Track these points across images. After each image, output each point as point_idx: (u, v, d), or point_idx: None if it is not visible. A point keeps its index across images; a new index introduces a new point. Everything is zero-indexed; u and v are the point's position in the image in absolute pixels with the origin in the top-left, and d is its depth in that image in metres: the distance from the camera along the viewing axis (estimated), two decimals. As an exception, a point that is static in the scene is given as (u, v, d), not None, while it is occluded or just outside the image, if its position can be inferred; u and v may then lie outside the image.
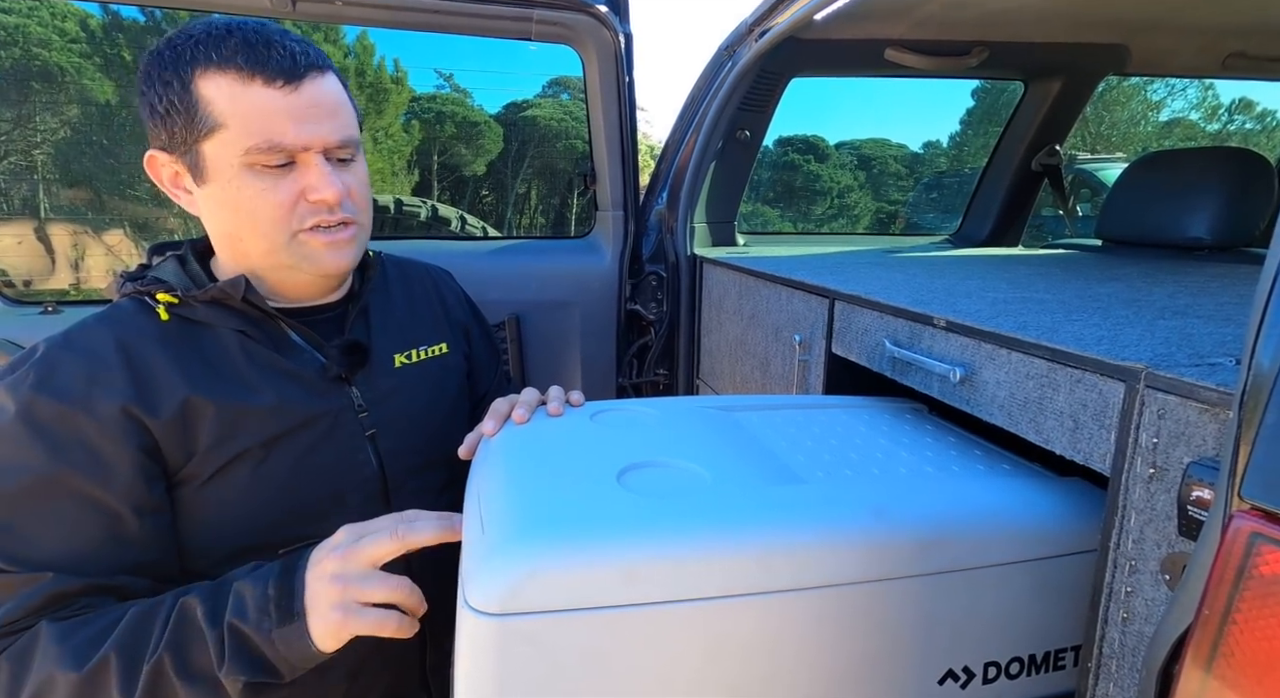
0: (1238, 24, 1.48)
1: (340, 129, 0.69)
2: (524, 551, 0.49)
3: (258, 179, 0.66)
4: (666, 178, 1.66)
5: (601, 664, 0.50)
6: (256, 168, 0.65)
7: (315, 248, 0.70)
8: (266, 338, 0.71)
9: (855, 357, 0.91)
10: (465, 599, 0.49)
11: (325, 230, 0.70)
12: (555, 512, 0.54)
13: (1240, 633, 0.30)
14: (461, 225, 2.88)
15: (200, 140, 0.65)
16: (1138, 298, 0.84)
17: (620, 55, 1.38)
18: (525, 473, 0.62)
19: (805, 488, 0.61)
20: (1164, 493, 0.48)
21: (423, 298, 0.89)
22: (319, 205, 0.68)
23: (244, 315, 0.70)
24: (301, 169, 0.67)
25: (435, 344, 0.85)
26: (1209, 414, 0.45)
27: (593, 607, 0.49)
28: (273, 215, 0.67)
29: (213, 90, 0.64)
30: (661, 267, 1.63)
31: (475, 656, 0.49)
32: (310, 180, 0.67)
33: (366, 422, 0.75)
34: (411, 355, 0.82)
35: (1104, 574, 0.53)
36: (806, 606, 0.53)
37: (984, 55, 1.56)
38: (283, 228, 0.68)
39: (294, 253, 0.70)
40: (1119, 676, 0.52)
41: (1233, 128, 9.44)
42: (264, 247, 0.69)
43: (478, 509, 0.58)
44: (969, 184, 2.11)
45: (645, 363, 1.67)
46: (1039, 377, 0.60)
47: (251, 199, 0.66)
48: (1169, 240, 1.46)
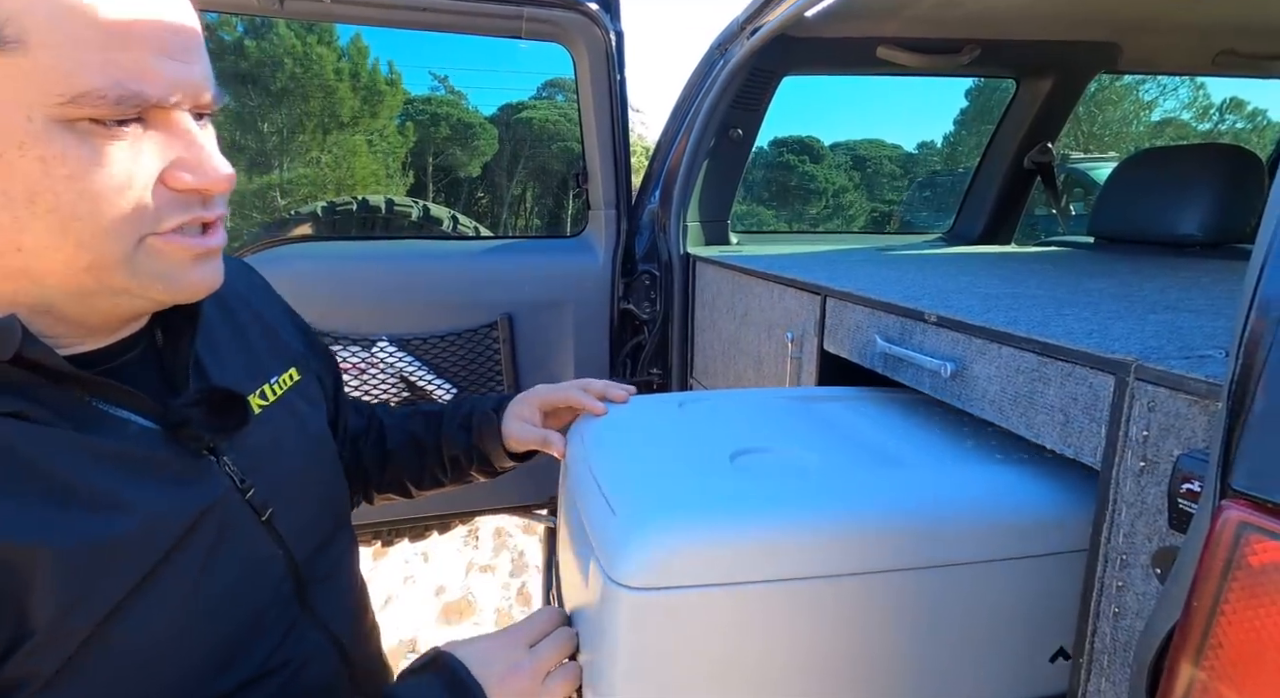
0: (1228, 22, 1.49)
1: (210, 77, 0.43)
2: (666, 528, 0.52)
3: (82, 146, 0.38)
4: (659, 177, 1.66)
5: (740, 638, 0.52)
6: (82, 125, 0.38)
7: (174, 259, 0.43)
8: (55, 415, 0.42)
9: (847, 353, 0.91)
10: (609, 576, 0.52)
11: (192, 234, 0.44)
12: (686, 491, 0.58)
13: (1230, 624, 0.29)
14: (453, 225, 2.87)
15: None
16: (1128, 293, 0.84)
17: (611, 53, 1.38)
18: (640, 456, 0.65)
19: (910, 471, 0.64)
20: (1154, 486, 0.48)
21: (244, 315, 0.61)
22: (190, 195, 0.43)
23: (5, 384, 0.40)
24: (158, 135, 0.41)
25: (284, 372, 0.61)
26: (1199, 406, 0.44)
27: (734, 582, 0.51)
28: (110, 210, 0.39)
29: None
30: (654, 266, 1.63)
31: (621, 629, 0.52)
32: (179, 153, 0.42)
33: (256, 500, 0.52)
34: (266, 394, 0.58)
35: (1095, 569, 0.53)
36: (931, 582, 0.56)
37: (975, 53, 1.56)
38: (125, 232, 0.40)
39: (139, 270, 0.42)
40: (1110, 671, 0.52)
41: (1224, 127, 9.51)
42: (79, 262, 0.40)
43: (598, 491, 0.61)
44: (962, 183, 2.11)
45: (639, 362, 1.67)
46: (1030, 371, 0.60)
47: (68, 179, 0.38)
48: (1160, 237, 1.47)
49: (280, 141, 8.86)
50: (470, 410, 0.82)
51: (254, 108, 8.73)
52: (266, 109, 8.79)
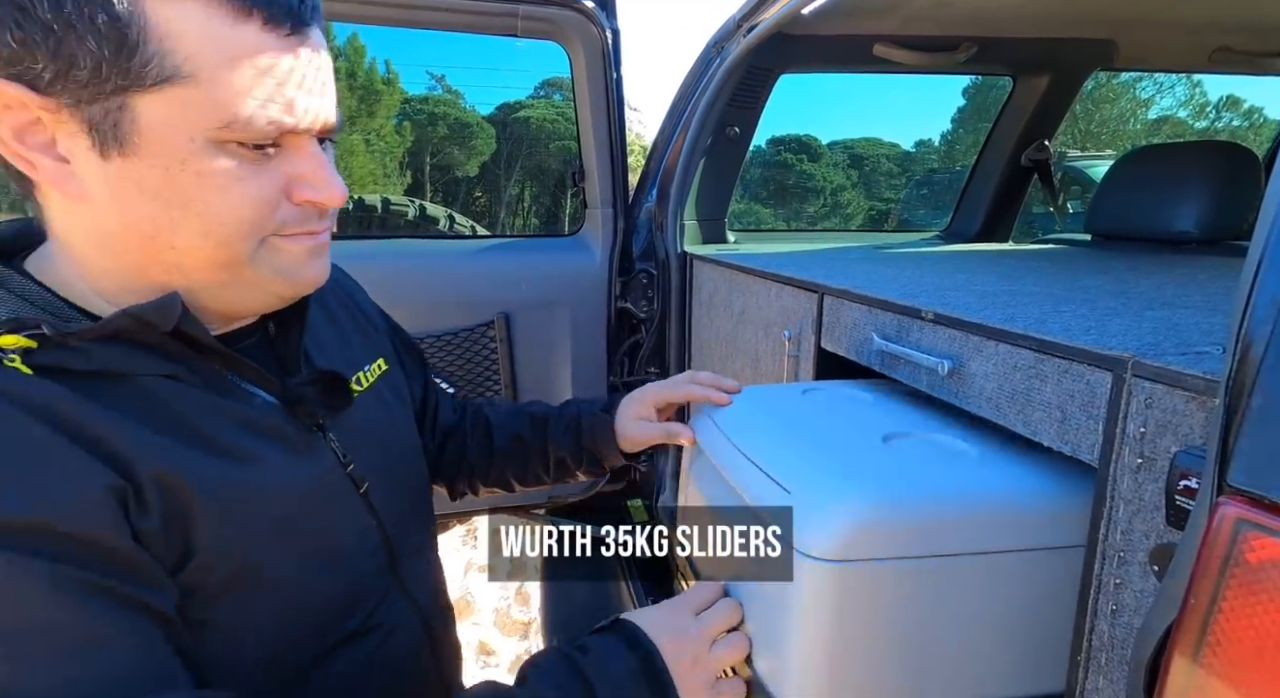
0: (1224, 19, 1.49)
1: (336, 105, 0.50)
2: (854, 502, 0.56)
3: (230, 164, 0.44)
4: (656, 175, 1.65)
5: (917, 609, 0.55)
6: (231, 147, 0.44)
7: (292, 256, 0.50)
8: (201, 381, 0.49)
9: (844, 351, 0.91)
10: (797, 549, 0.55)
11: (309, 234, 0.51)
12: (859, 469, 0.61)
13: (1227, 621, 0.29)
14: (450, 224, 2.86)
15: (136, 90, 0.41)
16: (1125, 290, 0.84)
17: (607, 51, 1.38)
18: (789, 439, 0.69)
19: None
20: (1152, 483, 0.47)
21: (339, 308, 0.69)
22: (310, 208, 0.50)
23: (162, 352, 0.47)
24: (288, 155, 0.48)
25: (374, 362, 0.68)
26: (1196, 402, 0.44)
27: (917, 556, 0.54)
28: (248, 217, 0.46)
29: (178, 18, 0.40)
30: (651, 264, 1.63)
31: (807, 598, 0.55)
32: (302, 172, 0.48)
33: (355, 475, 0.58)
34: (360, 380, 0.65)
35: (1092, 566, 0.52)
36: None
37: (972, 51, 1.56)
38: (253, 234, 0.48)
39: (259, 265, 0.49)
40: (1108, 668, 0.52)
41: (1220, 125, 9.52)
42: (217, 258, 0.47)
43: (759, 472, 0.64)
44: (959, 181, 2.11)
45: (636, 361, 1.66)
46: (1026, 368, 0.60)
47: (215, 192, 0.45)
48: (1157, 234, 1.47)
49: (277, 141, 8.78)
50: (578, 413, 0.85)
51: (250, 107, 8.65)
52: (263, 109, 8.70)
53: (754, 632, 0.62)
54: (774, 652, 0.59)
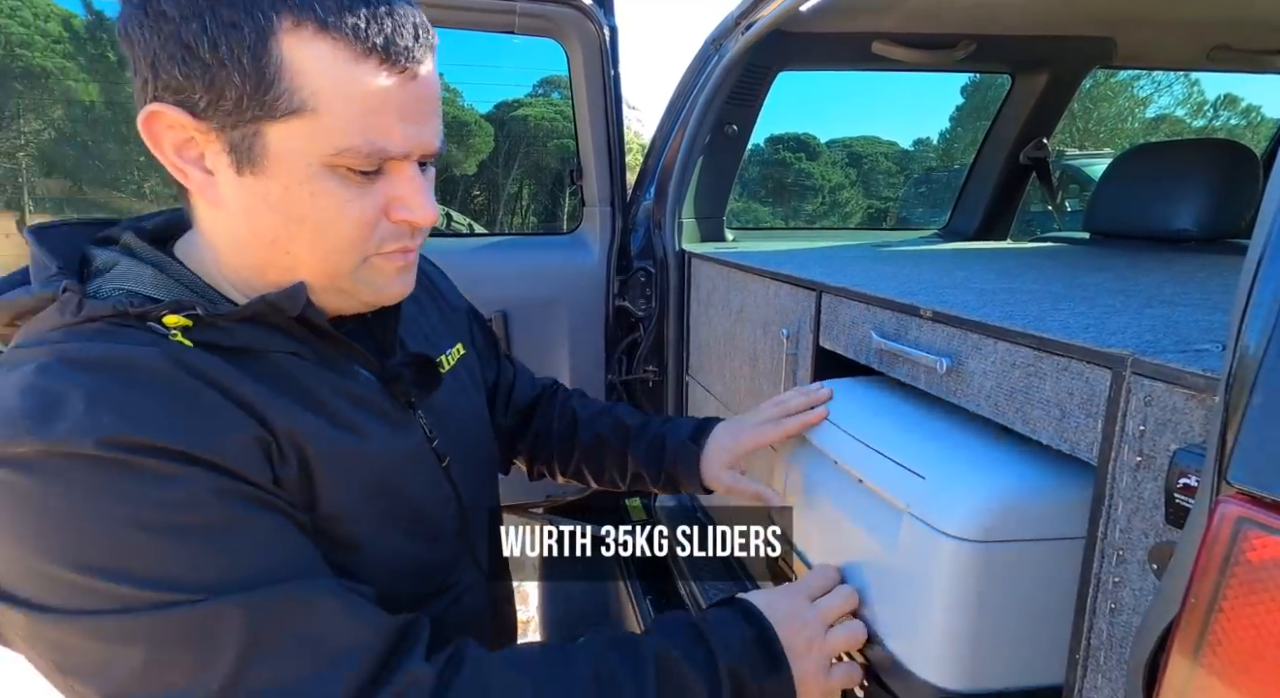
0: (1222, 17, 1.49)
1: (439, 131, 0.55)
2: (995, 485, 0.59)
3: (340, 186, 0.51)
4: (654, 173, 1.65)
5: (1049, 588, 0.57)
6: (341, 172, 0.50)
7: (385, 274, 0.57)
8: (318, 359, 0.57)
9: (842, 349, 0.91)
10: (940, 530, 0.58)
11: (400, 254, 0.57)
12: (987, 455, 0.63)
13: (1227, 621, 0.29)
14: (447, 223, 2.86)
15: (267, 119, 0.47)
16: (1124, 288, 0.84)
17: (605, 49, 1.37)
18: (913, 429, 0.71)
19: None
20: (1151, 481, 0.47)
21: (424, 295, 0.76)
22: (405, 227, 0.55)
23: (288, 333, 0.55)
24: (390, 178, 0.53)
25: (454, 346, 0.75)
26: (1195, 400, 0.44)
27: (1055, 538, 0.57)
28: (351, 234, 0.53)
29: (307, 58, 0.46)
30: (650, 262, 1.62)
31: (957, 579, 0.58)
32: (401, 194, 0.53)
33: (440, 450, 0.65)
34: (443, 363, 0.71)
35: (1091, 565, 0.52)
36: None
37: (971, 48, 1.56)
38: (357, 250, 0.54)
39: (356, 279, 0.56)
40: (1107, 667, 0.51)
41: (1218, 123, 9.52)
42: (323, 267, 0.54)
43: (888, 461, 0.68)
44: (958, 179, 2.11)
45: (634, 359, 1.66)
46: (1025, 366, 0.59)
47: (327, 210, 0.51)
48: (1156, 232, 1.46)
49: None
50: (663, 434, 0.87)
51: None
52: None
53: (884, 613, 0.66)
54: (910, 631, 0.62)
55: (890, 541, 0.65)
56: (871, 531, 0.68)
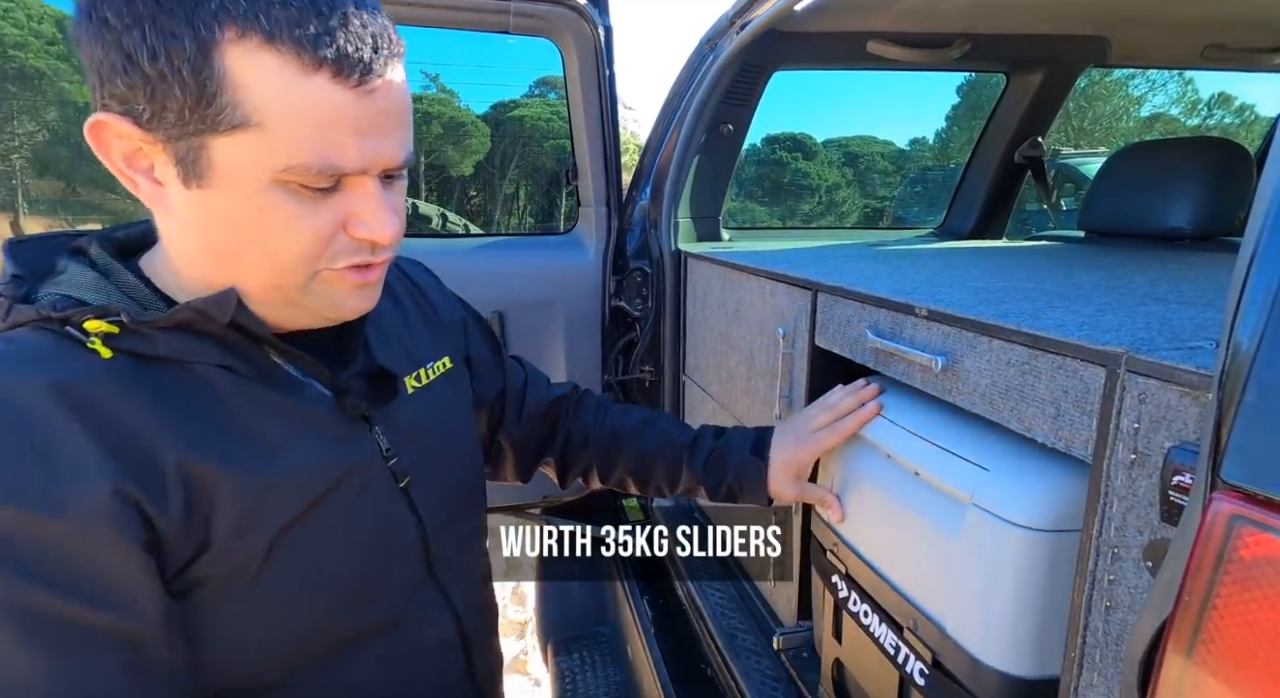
0: (1216, 16, 1.49)
1: (405, 143, 0.52)
2: (1061, 475, 0.60)
3: (290, 202, 0.48)
4: (650, 173, 1.65)
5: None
6: (292, 187, 0.48)
7: (340, 289, 0.54)
8: (256, 372, 0.54)
9: (838, 348, 0.91)
10: (1009, 519, 0.60)
11: (359, 270, 0.54)
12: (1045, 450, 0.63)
13: (1221, 618, 0.29)
14: (443, 223, 2.85)
15: (210, 133, 0.46)
16: (1119, 286, 0.84)
17: (600, 48, 1.37)
18: (963, 422, 0.73)
19: None
20: (1145, 479, 0.47)
21: (412, 303, 0.73)
22: (364, 243, 0.52)
23: (223, 343, 0.52)
24: (348, 193, 0.50)
25: (439, 359, 0.71)
26: (1189, 397, 0.44)
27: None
28: (301, 249, 0.50)
29: (251, 71, 0.44)
30: (646, 262, 1.62)
31: (1026, 568, 0.60)
32: (358, 210, 0.51)
33: (398, 469, 0.61)
34: (420, 377, 0.67)
35: (1086, 562, 0.52)
36: None
37: (966, 47, 1.56)
38: (307, 265, 0.51)
39: (310, 294, 0.53)
40: (1102, 665, 0.52)
41: (1212, 122, 9.55)
42: (272, 281, 0.52)
43: (951, 455, 0.70)
44: (953, 179, 2.11)
45: (630, 360, 1.66)
46: (1020, 364, 0.60)
47: (276, 226, 0.49)
48: (1150, 231, 1.47)
49: (270, 141, 8.75)
50: (724, 450, 0.87)
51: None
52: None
53: (946, 602, 0.69)
54: (975, 619, 0.65)
55: (952, 532, 0.66)
56: (930, 523, 0.70)
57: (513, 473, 0.89)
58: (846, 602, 0.85)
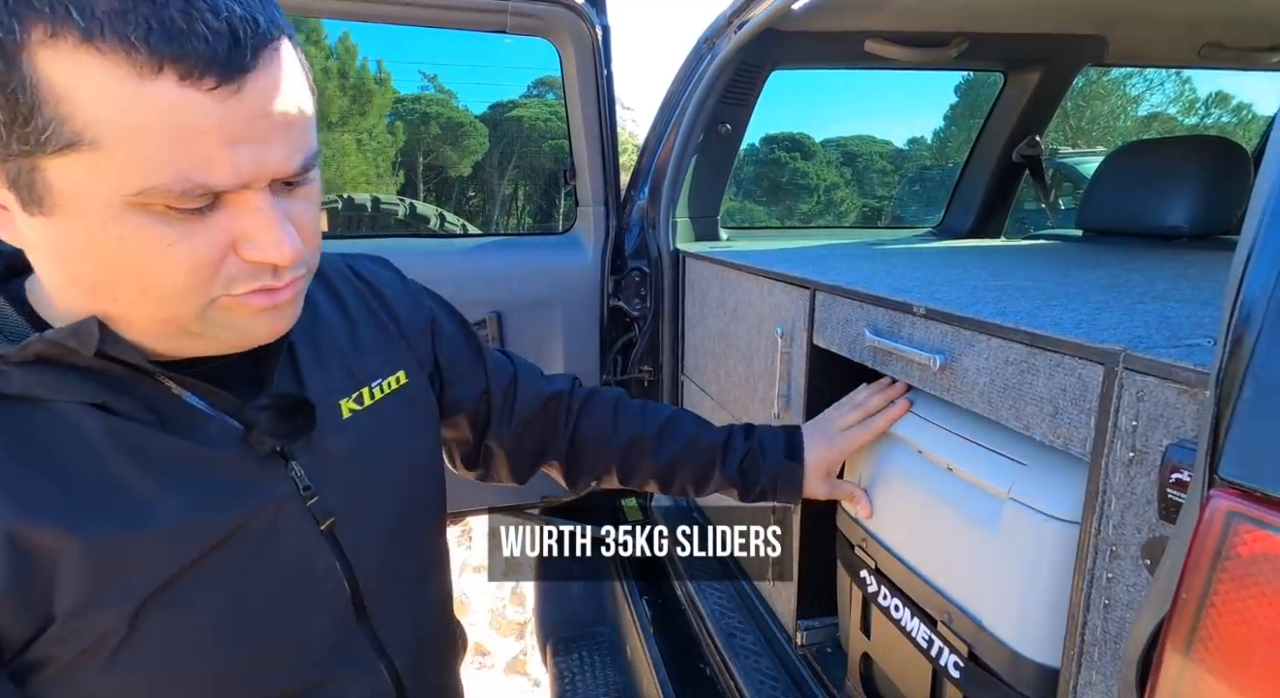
0: (1214, 15, 1.49)
1: (300, 146, 0.43)
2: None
3: (157, 226, 0.40)
4: (648, 173, 1.65)
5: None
6: (157, 209, 0.40)
7: (244, 315, 0.46)
8: (143, 408, 0.46)
9: (836, 347, 0.91)
10: (1049, 513, 0.61)
11: (264, 293, 0.46)
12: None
13: (1219, 615, 0.29)
14: (441, 223, 2.85)
15: (40, 154, 0.38)
16: (1117, 284, 0.84)
17: (598, 48, 1.37)
18: (975, 427, 0.73)
19: None
20: (1144, 476, 0.47)
21: (361, 310, 0.63)
22: (260, 267, 0.45)
23: (102, 377, 0.45)
24: (232, 210, 0.42)
25: (390, 374, 0.61)
26: (1187, 395, 0.44)
27: None
28: (183, 280, 0.42)
29: (71, 78, 0.36)
30: (644, 262, 1.62)
31: (1063, 559, 0.59)
32: (245, 229, 0.43)
33: (318, 509, 0.52)
34: (363, 397, 0.58)
35: (1085, 560, 0.52)
36: None
37: (964, 46, 1.56)
38: (197, 296, 0.43)
39: (208, 323, 0.45)
40: (1101, 663, 0.51)
41: (1209, 121, 9.57)
42: (161, 314, 0.44)
43: (987, 450, 0.70)
44: (951, 178, 2.11)
45: (629, 360, 1.66)
46: (1018, 362, 0.59)
47: (144, 256, 0.41)
48: (1148, 229, 1.47)
49: (268, 142, 8.74)
50: (757, 452, 0.84)
51: (241, 108, 8.61)
52: (254, 109, 8.66)
53: (982, 595, 0.69)
54: (1013, 612, 0.65)
55: (989, 526, 0.67)
56: (965, 517, 0.71)
57: (506, 475, 0.83)
58: (876, 596, 0.85)
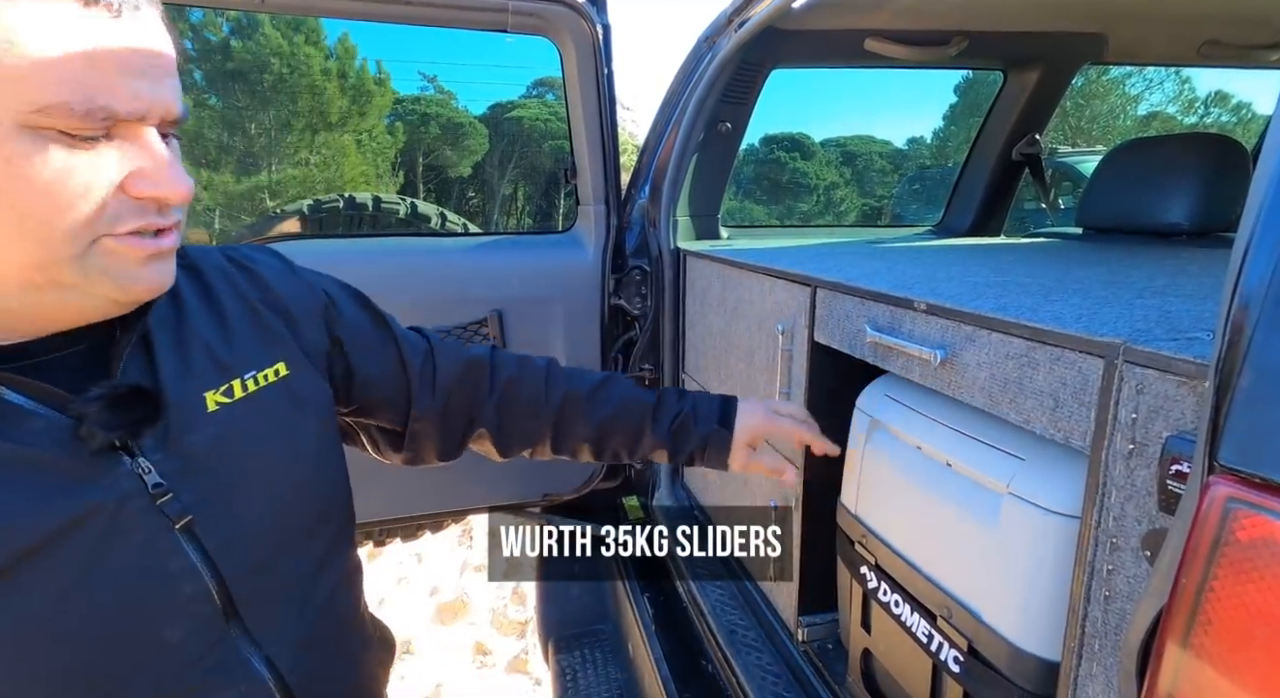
0: (1213, 12, 1.49)
1: (179, 96, 0.46)
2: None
3: (49, 152, 0.40)
4: (648, 171, 1.65)
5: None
6: (48, 134, 0.40)
7: (128, 260, 0.45)
8: None
9: (837, 344, 0.91)
10: (1048, 508, 0.62)
11: (148, 236, 0.46)
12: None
13: (1219, 600, 0.29)
14: (442, 222, 2.85)
15: None
16: (1117, 280, 0.84)
17: (598, 47, 1.37)
18: (985, 414, 0.72)
19: None
20: (1144, 469, 0.47)
21: (234, 300, 0.60)
22: (149, 203, 0.45)
23: None
24: (122, 144, 0.43)
25: (268, 366, 0.58)
26: (1187, 387, 0.44)
27: None
28: (72, 211, 0.42)
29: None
30: (645, 261, 1.62)
31: (1063, 552, 0.60)
32: (140, 164, 0.43)
33: (171, 508, 0.49)
34: (233, 390, 0.55)
35: (1086, 552, 0.52)
36: None
37: (963, 44, 1.56)
38: (83, 230, 0.43)
39: (90, 267, 0.44)
40: (1102, 655, 0.52)
41: (1209, 120, 9.58)
42: (35, 255, 0.42)
43: (974, 443, 0.71)
44: (951, 177, 2.12)
45: (630, 358, 1.66)
46: (1019, 356, 0.60)
47: (32, 182, 0.40)
48: (1148, 227, 1.47)
49: (268, 143, 8.79)
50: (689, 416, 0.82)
51: (241, 109, 8.65)
52: (254, 110, 8.71)
53: (982, 590, 0.70)
54: (1012, 606, 0.66)
55: (988, 521, 0.67)
56: (965, 512, 0.71)
57: (435, 453, 0.78)
58: (876, 592, 0.85)
